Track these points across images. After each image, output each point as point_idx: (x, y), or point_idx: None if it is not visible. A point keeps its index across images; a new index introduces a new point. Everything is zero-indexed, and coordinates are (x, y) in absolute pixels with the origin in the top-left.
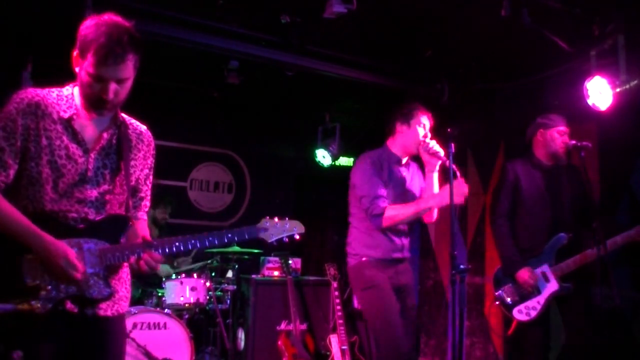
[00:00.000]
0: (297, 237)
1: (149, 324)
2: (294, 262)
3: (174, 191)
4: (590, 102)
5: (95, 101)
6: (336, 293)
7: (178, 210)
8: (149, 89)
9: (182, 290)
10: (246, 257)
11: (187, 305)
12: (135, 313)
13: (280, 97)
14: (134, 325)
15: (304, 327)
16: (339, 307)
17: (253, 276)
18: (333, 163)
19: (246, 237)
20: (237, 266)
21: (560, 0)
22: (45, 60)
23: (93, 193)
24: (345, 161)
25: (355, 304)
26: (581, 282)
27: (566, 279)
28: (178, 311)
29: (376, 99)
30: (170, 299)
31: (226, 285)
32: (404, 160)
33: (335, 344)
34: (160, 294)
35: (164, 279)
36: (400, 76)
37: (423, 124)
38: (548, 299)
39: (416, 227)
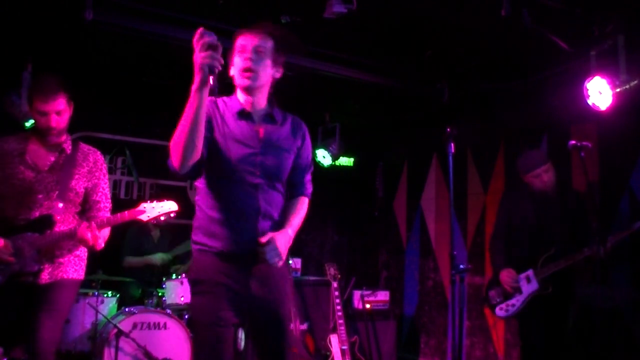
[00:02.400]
0: (172, 215)
1: (149, 324)
2: (294, 262)
3: (174, 191)
4: (590, 102)
5: (44, 130)
6: (336, 293)
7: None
8: (149, 89)
9: (182, 290)
10: None
11: (187, 305)
12: (135, 313)
13: (280, 97)
14: (134, 325)
15: (304, 327)
16: (339, 307)
17: None
18: (333, 163)
19: (127, 218)
20: None
21: (560, 0)
22: (45, 61)
23: (40, 201)
24: (345, 161)
25: (355, 303)
26: (567, 286)
27: (551, 282)
28: (178, 311)
29: (376, 99)
30: (170, 299)
31: None
32: (255, 111)
33: (335, 344)
34: (160, 294)
35: (164, 279)
36: (400, 76)
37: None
38: (527, 297)
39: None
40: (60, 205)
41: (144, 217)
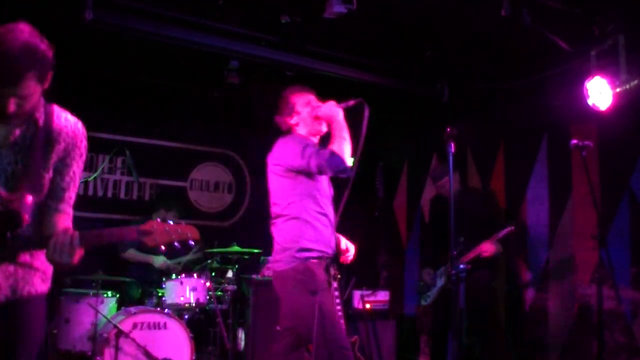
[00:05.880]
0: (192, 242)
1: (149, 324)
2: None
3: (174, 191)
4: (590, 102)
5: None
6: (336, 293)
7: (179, 215)
8: (149, 89)
9: (182, 290)
10: (246, 257)
11: (187, 305)
12: (135, 313)
13: (280, 97)
14: (134, 325)
15: None
16: (339, 307)
17: (253, 276)
18: None
19: (127, 237)
20: (237, 266)
21: (560, 0)
22: None
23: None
24: None
25: (355, 303)
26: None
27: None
28: (178, 311)
29: (376, 99)
30: (170, 299)
31: (226, 285)
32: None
33: None
34: (160, 294)
35: (164, 279)
36: (400, 76)
37: (307, 101)
38: (439, 290)
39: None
40: (30, 199)
41: (150, 242)
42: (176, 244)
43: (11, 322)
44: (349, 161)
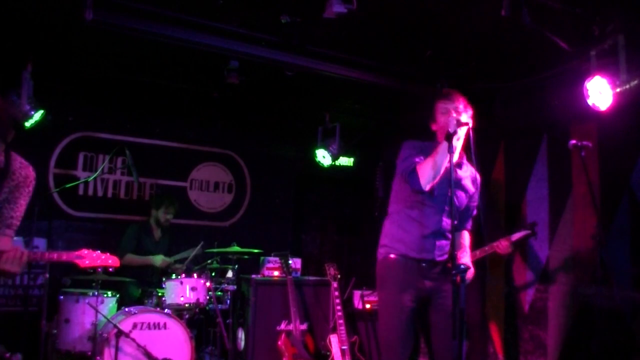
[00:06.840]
0: (111, 270)
1: (149, 324)
2: (294, 262)
3: (174, 191)
4: (590, 102)
5: None
6: (336, 293)
7: (178, 210)
8: (149, 89)
9: (182, 290)
10: (246, 257)
11: (187, 305)
12: (135, 313)
13: (280, 97)
14: (134, 325)
15: (304, 327)
16: (339, 307)
17: (253, 276)
18: (333, 163)
19: (63, 259)
20: (237, 266)
21: (560, 0)
22: (45, 60)
23: None
24: (345, 161)
25: (356, 303)
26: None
27: None
28: (178, 311)
29: (376, 99)
30: (170, 299)
31: (226, 285)
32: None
33: (335, 344)
34: (160, 294)
35: (164, 279)
36: (400, 76)
37: (446, 110)
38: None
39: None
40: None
41: (81, 263)
42: (99, 269)
43: None
44: (426, 182)
